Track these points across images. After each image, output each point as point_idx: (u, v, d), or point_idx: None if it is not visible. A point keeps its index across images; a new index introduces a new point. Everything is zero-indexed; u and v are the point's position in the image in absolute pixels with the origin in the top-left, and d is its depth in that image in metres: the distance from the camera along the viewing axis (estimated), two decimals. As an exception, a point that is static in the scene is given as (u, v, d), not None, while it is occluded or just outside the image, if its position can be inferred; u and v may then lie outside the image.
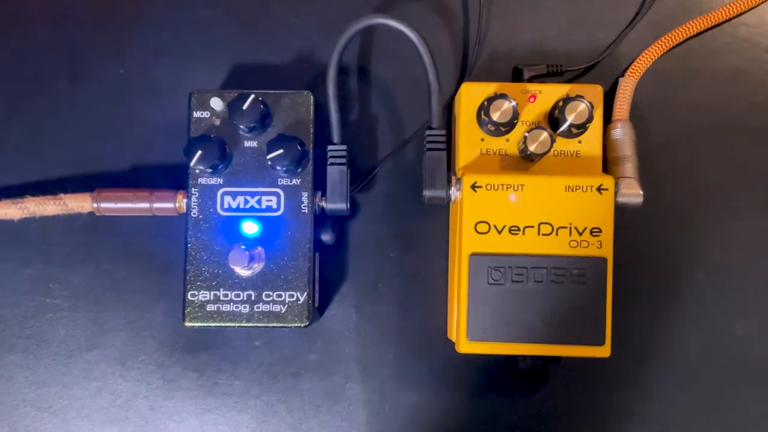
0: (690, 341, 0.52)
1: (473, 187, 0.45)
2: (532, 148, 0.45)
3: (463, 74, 0.53)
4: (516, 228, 0.44)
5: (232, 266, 0.45)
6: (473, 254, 0.44)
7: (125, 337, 0.52)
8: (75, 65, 0.53)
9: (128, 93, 0.53)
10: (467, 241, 0.45)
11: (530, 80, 0.50)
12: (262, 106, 0.47)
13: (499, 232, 0.44)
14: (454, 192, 0.47)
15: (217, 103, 0.48)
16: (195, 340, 0.52)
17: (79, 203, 0.50)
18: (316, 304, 0.49)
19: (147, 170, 0.53)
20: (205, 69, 0.54)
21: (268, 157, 0.46)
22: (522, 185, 0.44)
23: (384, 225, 0.52)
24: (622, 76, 0.51)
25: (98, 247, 0.52)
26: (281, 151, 0.46)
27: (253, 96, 0.46)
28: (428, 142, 0.48)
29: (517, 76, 0.51)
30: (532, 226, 0.44)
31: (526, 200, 0.44)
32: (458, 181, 0.46)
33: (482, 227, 0.45)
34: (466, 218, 0.45)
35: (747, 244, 0.52)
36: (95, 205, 0.49)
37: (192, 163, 0.46)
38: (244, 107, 0.46)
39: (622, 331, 0.50)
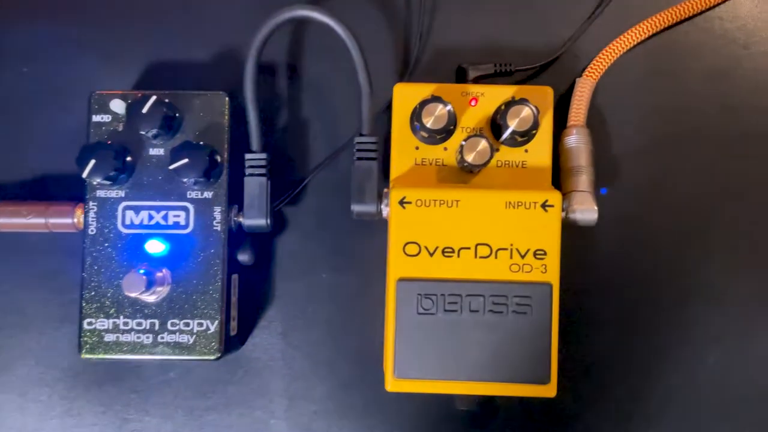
0: (653, 374, 0.46)
1: (401, 202, 0.39)
2: (469, 158, 0.39)
3: (404, 75, 0.48)
4: (450, 250, 0.39)
5: (127, 293, 0.40)
6: (401, 279, 0.39)
7: (26, 366, 0.47)
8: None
9: (31, 94, 0.48)
10: (394, 264, 0.39)
11: (476, 81, 0.45)
12: (165, 109, 0.41)
13: (431, 255, 0.39)
14: (384, 207, 0.41)
15: (118, 106, 0.43)
16: (102, 371, 0.47)
17: (-32, 218, 0.44)
18: (233, 333, 0.44)
19: (51, 180, 0.48)
20: (117, 68, 0.48)
21: (171, 167, 0.41)
22: (456, 201, 0.39)
23: (315, 242, 0.47)
24: (580, 76, 0.45)
25: (-7, 266, 0.47)
26: (186, 160, 0.41)
27: (154, 98, 0.41)
28: (358, 150, 0.42)
29: (461, 77, 0.45)
30: (468, 248, 0.39)
31: (462, 218, 0.39)
32: (386, 195, 0.40)
33: (411, 248, 0.39)
34: (393, 238, 0.39)
35: (721, 264, 0.46)
36: (-15, 220, 0.44)
37: (84, 174, 0.41)
38: (144, 110, 0.41)
39: (572, 367, 0.45)
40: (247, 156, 0.43)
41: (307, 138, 0.48)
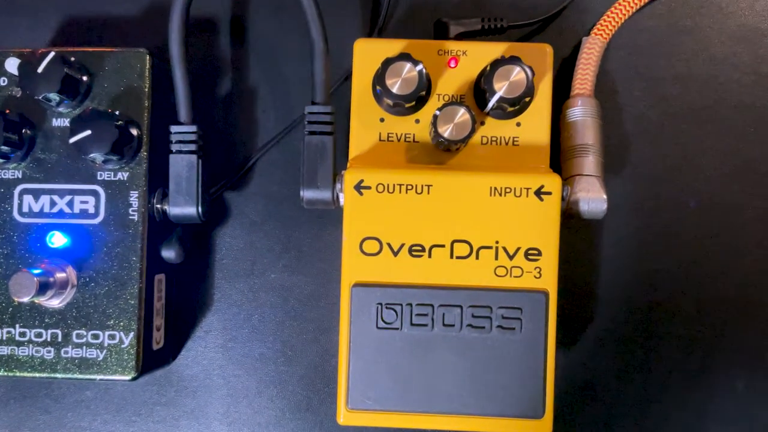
0: (674, 400, 0.38)
1: (358, 187, 0.31)
2: (445, 132, 0.31)
3: (372, 33, 0.39)
4: (419, 248, 0.31)
5: (14, 297, 0.32)
6: (357, 284, 0.31)
7: None
8: None
9: None
10: (349, 265, 0.31)
11: (458, 39, 0.36)
12: (67, 68, 0.33)
13: (395, 254, 0.31)
14: (341, 194, 0.33)
15: (15, 66, 0.34)
16: (5, 387, 0.40)
17: None
18: (157, 345, 0.36)
19: None
20: (26, 23, 0.40)
21: (71, 140, 0.33)
22: (428, 186, 0.31)
23: (263, 236, 0.40)
24: (587, 35, 0.37)
25: None
26: (88, 132, 0.32)
27: (52, 54, 0.33)
28: (309, 122, 0.35)
29: (440, 34, 0.37)
30: (443, 246, 0.31)
31: (435, 208, 0.31)
32: (340, 178, 0.32)
33: (370, 246, 0.31)
34: (347, 232, 0.31)
35: (755, 263, 0.38)
36: None
37: (-35, 149, 0.33)
38: (39, 70, 0.33)
39: (572, 396, 0.36)
40: (173, 129, 0.35)
41: (254, 110, 0.40)
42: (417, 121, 0.34)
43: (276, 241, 0.40)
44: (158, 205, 0.35)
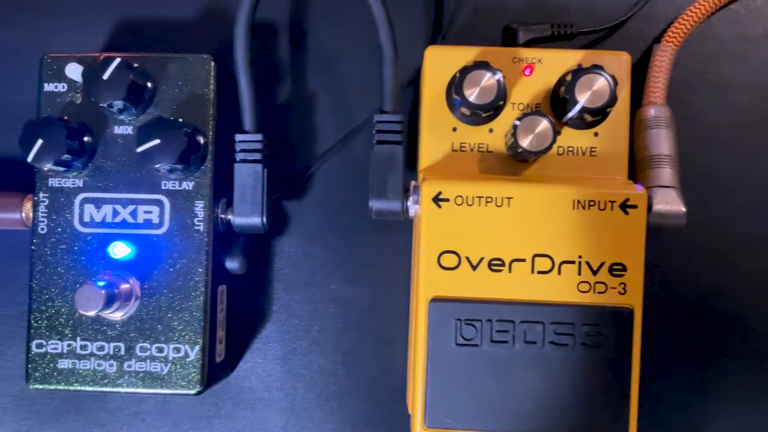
0: (743, 416, 0.37)
1: (436, 200, 0.30)
2: (525, 143, 0.30)
3: (436, 38, 0.38)
4: (499, 262, 0.30)
5: (81, 311, 0.31)
6: (435, 299, 0.30)
7: None
8: None
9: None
10: (427, 279, 0.30)
11: (527, 45, 0.35)
12: (133, 75, 0.32)
13: (474, 268, 0.30)
14: (412, 204, 0.32)
15: (76, 72, 0.34)
16: (60, 400, 0.39)
17: None
18: (220, 358, 0.36)
19: None
20: (78, 27, 0.39)
21: (139, 149, 0.32)
22: (509, 199, 0.30)
23: (323, 246, 0.39)
24: (658, 42, 0.36)
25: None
26: (157, 141, 0.32)
27: (118, 60, 0.32)
28: (378, 131, 0.34)
29: (509, 40, 0.36)
30: (523, 260, 0.30)
31: (516, 221, 0.30)
32: (416, 189, 0.31)
33: (449, 260, 0.30)
34: (425, 246, 0.30)
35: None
36: None
37: (30, 158, 0.32)
38: (105, 76, 0.32)
39: (659, 416, 0.36)
40: (238, 137, 0.35)
41: (314, 117, 0.39)
42: (491, 130, 0.33)
43: (335, 250, 0.39)
44: (222, 215, 0.35)
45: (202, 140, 0.34)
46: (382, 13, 0.33)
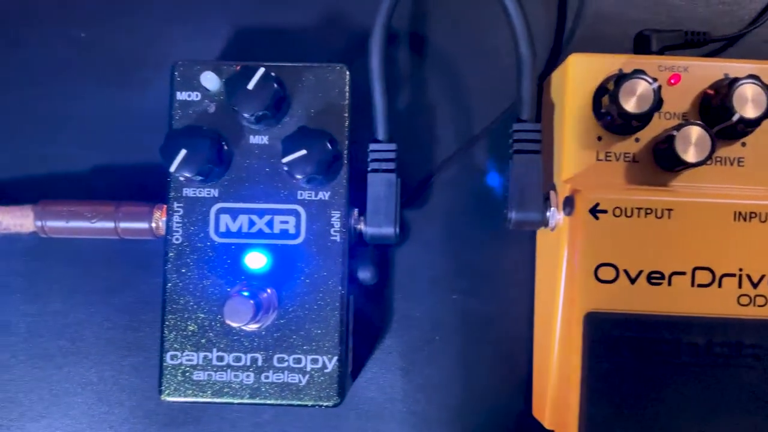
0: None
1: (594, 211, 0.30)
2: (683, 153, 0.30)
3: (558, 45, 0.38)
4: (658, 275, 0.30)
5: (229, 322, 0.30)
6: (591, 313, 0.30)
7: (84, 404, 0.39)
8: (16, 26, 0.39)
9: (90, 65, 0.39)
10: (582, 293, 0.30)
11: (661, 53, 0.35)
12: (275, 84, 0.32)
13: (632, 281, 0.30)
14: (554, 215, 0.32)
15: (211, 80, 0.33)
16: (178, 411, 0.39)
17: (17, 220, 0.36)
18: (350, 368, 0.35)
19: (115, 174, 0.39)
20: (198, 33, 0.39)
21: (284, 160, 0.31)
22: (669, 210, 0.29)
23: (443, 256, 0.39)
24: (791, 49, 0.36)
25: (45, 280, 0.39)
26: (304, 152, 0.31)
27: (263, 70, 0.32)
28: (516, 141, 0.33)
29: (642, 47, 0.35)
30: (683, 273, 0.30)
31: (675, 234, 0.30)
32: (568, 200, 0.31)
33: (606, 272, 0.30)
34: (582, 258, 0.30)
35: None
36: (39, 223, 0.35)
37: (173, 168, 0.32)
38: (250, 86, 0.31)
39: None
40: (372, 146, 0.34)
41: (434, 125, 0.39)
42: (637, 140, 0.32)
43: (456, 260, 0.38)
44: (356, 226, 0.34)
45: (338, 150, 0.33)
46: (522, 21, 0.33)
